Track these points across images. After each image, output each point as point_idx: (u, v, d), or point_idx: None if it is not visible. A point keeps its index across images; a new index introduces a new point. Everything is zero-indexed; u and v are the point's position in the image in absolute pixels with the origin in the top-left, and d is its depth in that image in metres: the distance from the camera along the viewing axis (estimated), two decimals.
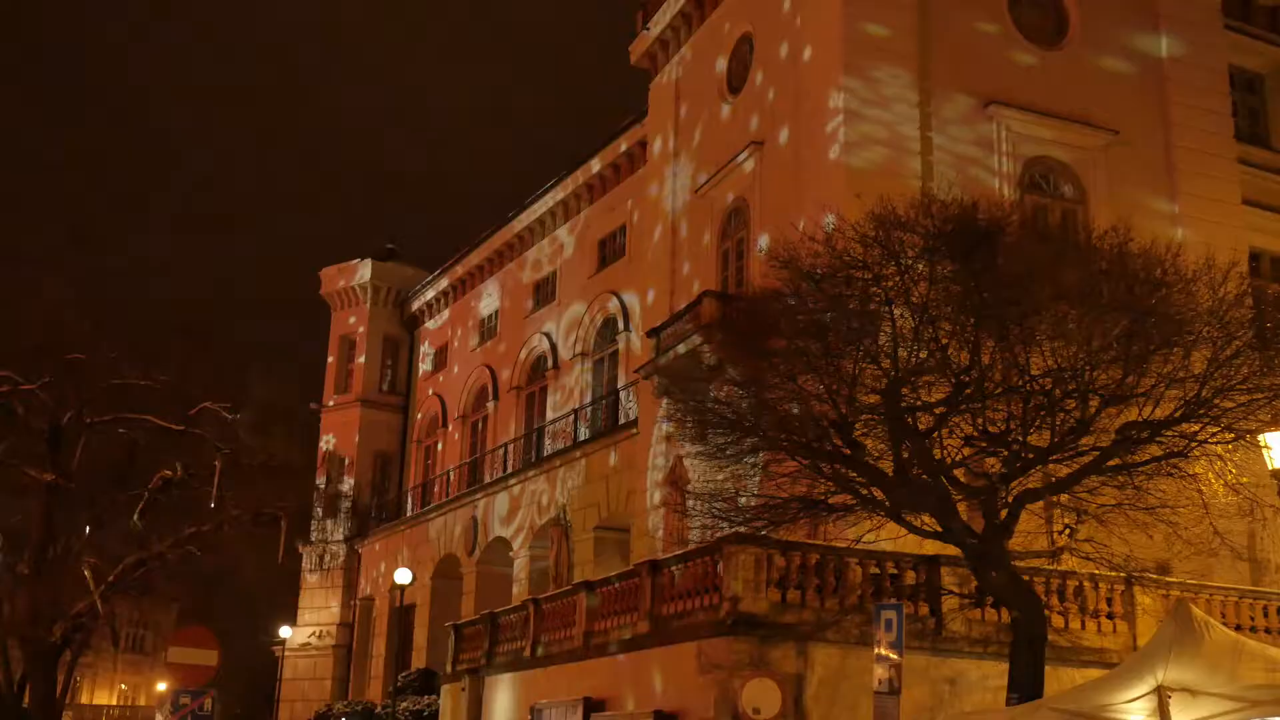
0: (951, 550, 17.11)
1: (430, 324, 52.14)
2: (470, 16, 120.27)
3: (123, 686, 71.62)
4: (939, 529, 16.23)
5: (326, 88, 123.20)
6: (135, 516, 27.89)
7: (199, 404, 28.34)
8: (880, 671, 15.04)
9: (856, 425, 16.28)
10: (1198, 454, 16.13)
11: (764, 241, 24.53)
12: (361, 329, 53.20)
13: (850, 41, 25.25)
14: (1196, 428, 15.95)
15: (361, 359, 52.90)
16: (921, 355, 15.97)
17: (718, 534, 18.17)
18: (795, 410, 16.38)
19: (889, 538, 17.49)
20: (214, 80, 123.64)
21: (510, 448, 42.41)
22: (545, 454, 38.95)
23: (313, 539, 41.02)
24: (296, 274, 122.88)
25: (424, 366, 52.11)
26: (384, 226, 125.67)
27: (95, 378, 28.27)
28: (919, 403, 16.25)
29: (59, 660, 28.72)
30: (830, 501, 16.92)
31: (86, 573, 27.07)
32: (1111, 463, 15.99)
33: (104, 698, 69.36)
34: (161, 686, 61.07)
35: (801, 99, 26.50)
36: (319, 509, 36.92)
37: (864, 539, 17.40)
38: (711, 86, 31.05)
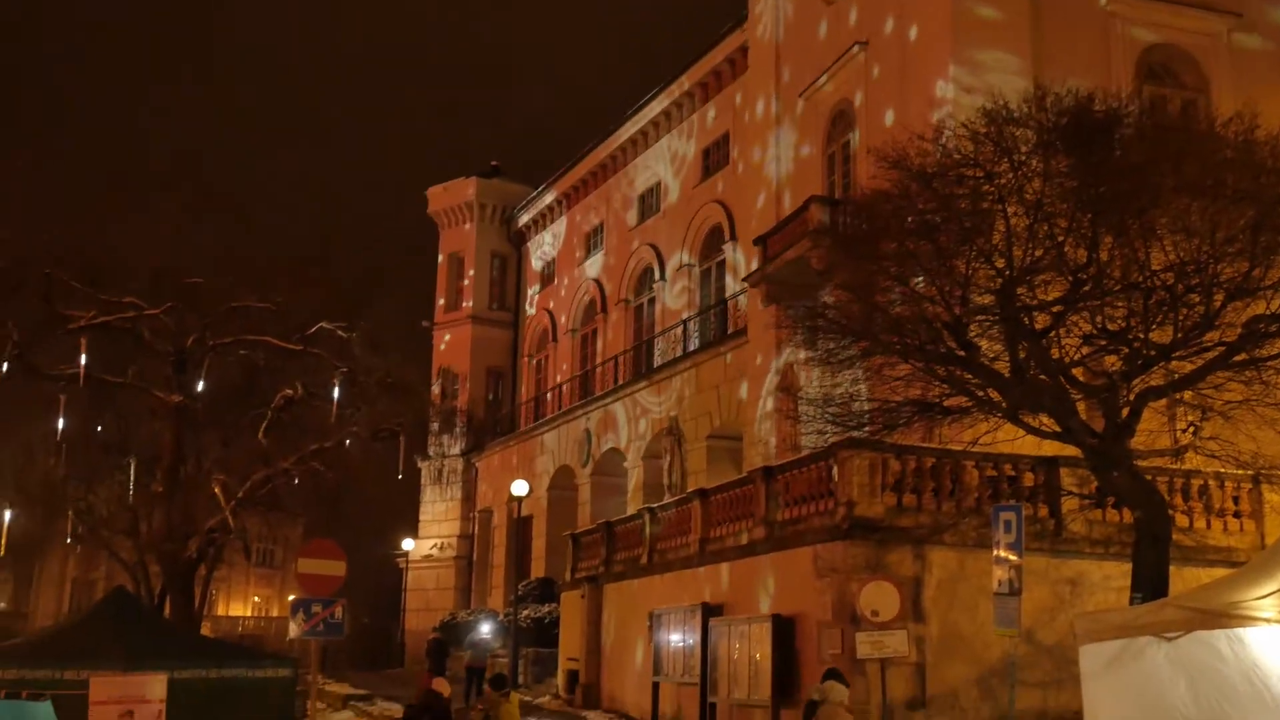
0: (1071, 451, 16.87)
1: (537, 240, 52.40)
2: None
3: (256, 599, 74.36)
4: (1058, 429, 15.99)
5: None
6: (260, 434, 28.62)
7: (315, 324, 28.83)
8: (999, 573, 14.97)
9: (971, 326, 16.04)
10: None
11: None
12: (469, 247, 53.70)
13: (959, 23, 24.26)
14: None
15: (470, 276, 53.45)
16: (1037, 253, 15.63)
17: (831, 439, 18.17)
18: (907, 313, 16.18)
19: (1006, 439, 17.30)
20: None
21: (620, 360, 42.68)
22: (655, 365, 39.12)
23: (430, 454, 41.82)
24: (403, 195, 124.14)
25: (532, 282, 52.49)
26: (488, 144, 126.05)
27: (214, 301, 28.91)
28: (1035, 302, 15.94)
29: (195, 574, 29.83)
30: (945, 404, 16.76)
31: (217, 490, 27.92)
32: (1238, 358, 15.54)
33: (239, 609, 72.12)
34: (292, 598, 63.26)
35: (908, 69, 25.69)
36: (435, 424, 37.52)
37: (980, 441, 17.24)
38: None
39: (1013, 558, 14.82)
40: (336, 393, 28.02)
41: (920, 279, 16.04)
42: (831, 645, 17.84)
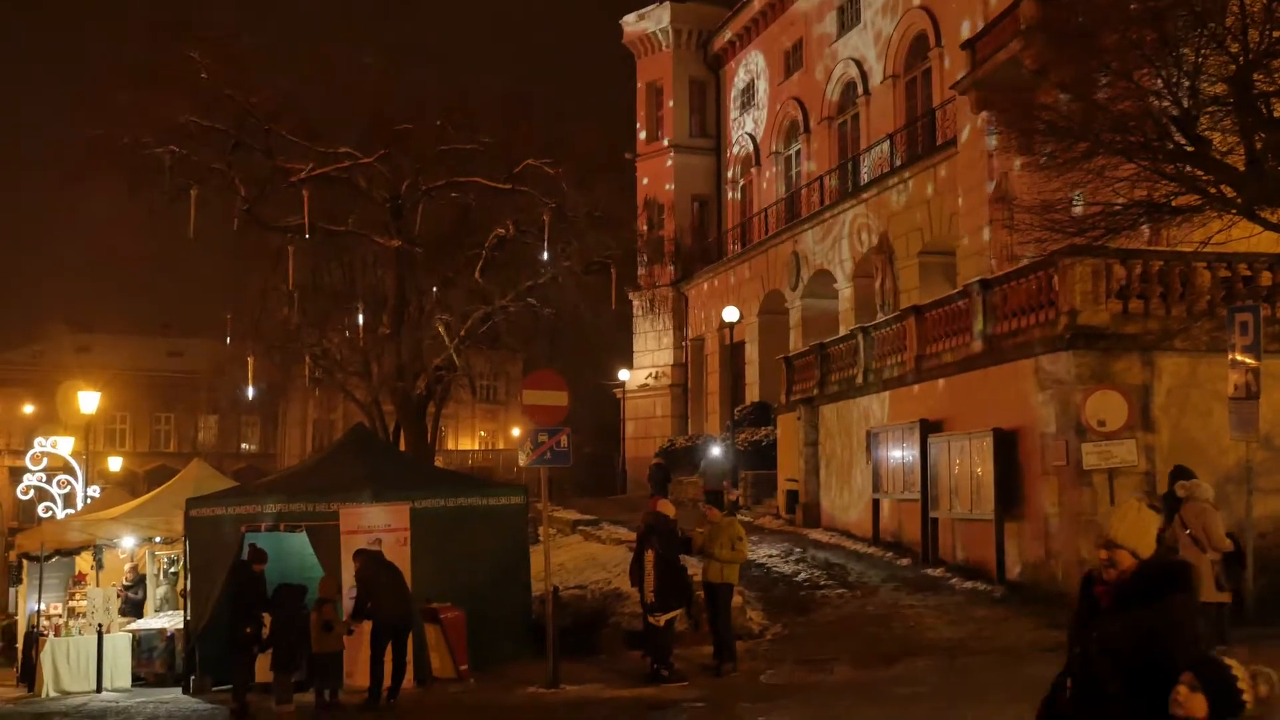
0: None
1: (734, 63, 51.41)
2: None
3: (482, 433, 77.59)
4: None
5: None
6: (477, 274, 29.39)
7: (521, 162, 29.15)
8: (1235, 377, 14.38)
9: (1201, 119, 15.14)
10: None
11: None
12: (667, 75, 53.08)
13: None
14: None
15: (670, 105, 52.98)
16: (1275, 35, 14.53)
17: (1051, 247, 17.57)
18: (1131, 109, 15.34)
19: (1241, 237, 16.41)
20: None
21: (825, 180, 41.95)
22: (862, 183, 38.32)
23: (641, 285, 42.30)
24: (597, 27, 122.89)
25: (732, 107, 51.73)
26: None
27: (424, 146, 29.50)
28: (1273, 88, 14.89)
29: (425, 410, 31.23)
30: (1174, 204, 15.97)
31: (440, 329, 28.95)
32: None
33: (467, 444, 75.51)
34: (516, 432, 65.77)
35: None
36: (644, 255, 37.81)
37: (1213, 241, 16.40)
38: None
39: (1250, 360, 14.19)
40: (546, 229, 28.44)
41: (1145, 71, 15.13)
42: (1056, 457, 17.57)
